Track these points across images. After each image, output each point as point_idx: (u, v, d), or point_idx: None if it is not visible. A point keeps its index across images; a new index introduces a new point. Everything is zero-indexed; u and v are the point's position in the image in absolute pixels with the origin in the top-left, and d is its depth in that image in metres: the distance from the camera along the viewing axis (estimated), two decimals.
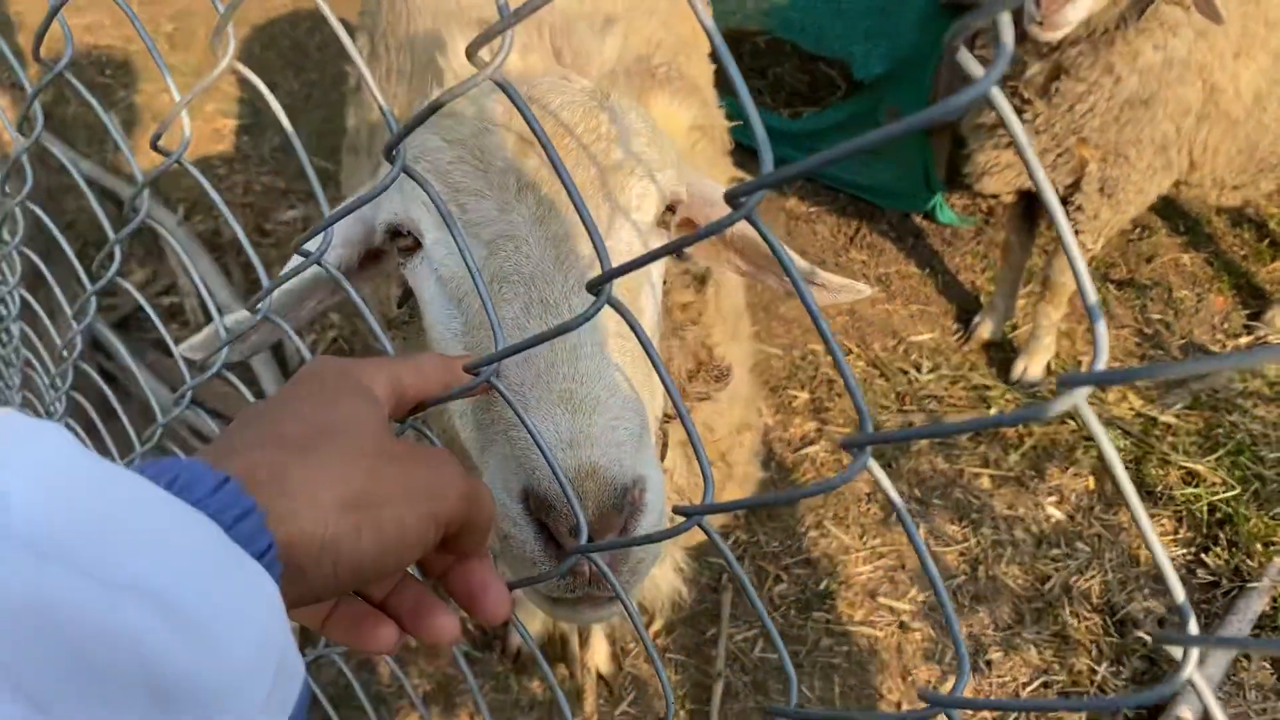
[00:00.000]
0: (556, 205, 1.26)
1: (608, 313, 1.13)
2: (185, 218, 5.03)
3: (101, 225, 1.55)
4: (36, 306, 1.79)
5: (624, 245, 1.33)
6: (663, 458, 1.78)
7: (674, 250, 0.73)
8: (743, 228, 1.47)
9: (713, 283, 1.83)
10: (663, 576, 2.28)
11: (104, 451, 2.30)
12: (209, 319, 4.56)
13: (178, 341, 4.32)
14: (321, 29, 6.32)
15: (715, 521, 2.37)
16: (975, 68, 0.50)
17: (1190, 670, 0.63)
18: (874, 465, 0.66)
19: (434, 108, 0.79)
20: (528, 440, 1.04)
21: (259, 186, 5.30)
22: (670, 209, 1.43)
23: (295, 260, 1.14)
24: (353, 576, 0.72)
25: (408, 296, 1.50)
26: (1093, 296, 0.54)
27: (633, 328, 0.80)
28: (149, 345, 4.40)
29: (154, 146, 1.16)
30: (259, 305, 1.19)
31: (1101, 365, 0.52)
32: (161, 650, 0.53)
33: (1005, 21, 0.47)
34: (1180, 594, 0.61)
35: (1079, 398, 0.53)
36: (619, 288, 1.27)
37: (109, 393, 2.01)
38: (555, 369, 1.12)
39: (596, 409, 1.09)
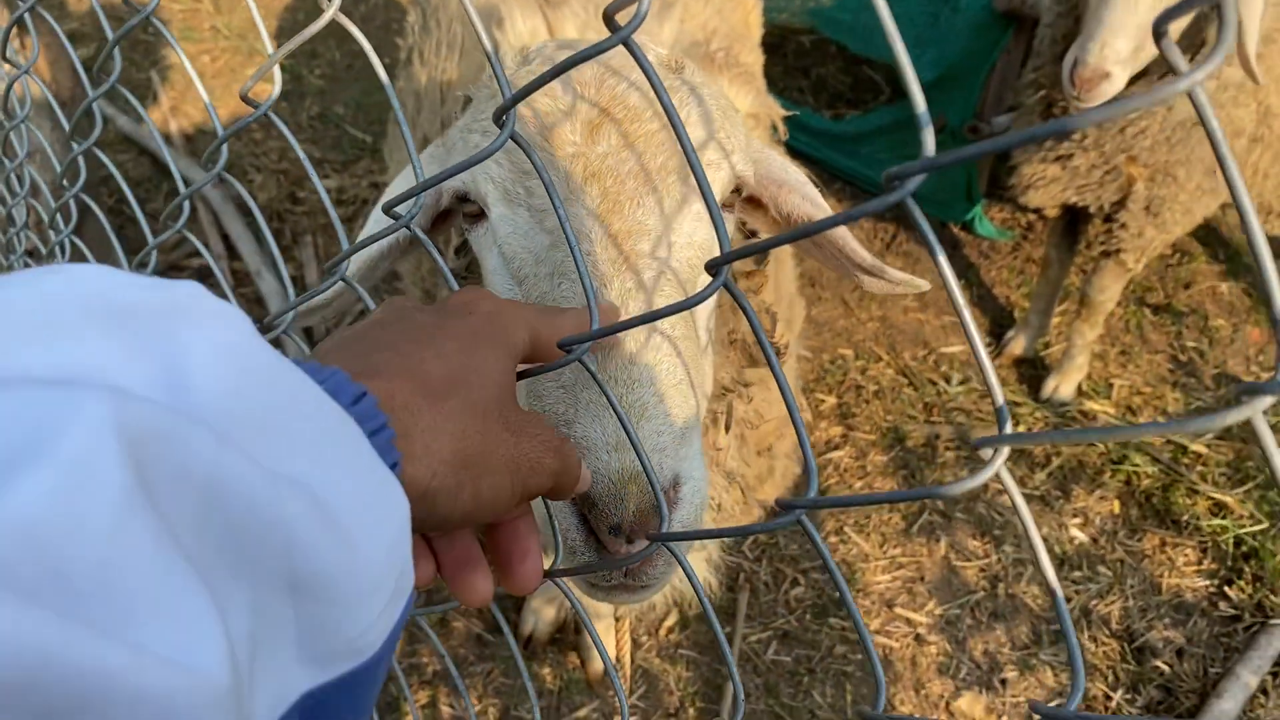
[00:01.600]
0: (620, 199, 1.23)
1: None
2: (232, 178, 5.00)
3: (137, 181, 1.52)
4: (89, 254, 1.76)
5: (687, 229, 1.30)
6: (726, 430, 1.76)
7: (796, 239, 0.69)
8: (809, 210, 1.44)
9: (774, 259, 1.81)
10: (694, 568, 2.25)
11: None
12: (239, 283, 4.53)
13: None
14: (367, 0, 6.29)
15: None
16: (1181, 62, 0.47)
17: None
18: (1006, 474, 0.62)
19: (559, 70, 0.75)
20: (576, 437, 1.09)
21: (294, 154, 5.27)
22: (737, 190, 1.40)
23: (379, 223, 1.11)
24: (437, 525, 0.76)
25: (465, 247, 1.48)
26: None
27: (744, 310, 0.76)
28: None
29: (243, 98, 1.14)
30: (338, 268, 1.16)
31: None
32: (309, 542, 0.56)
33: (1229, 6, 0.44)
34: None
35: (1258, 408, 0.49)
36: (682, 268, 1.24)
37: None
38: (607, 372, 1.12)
39: (644, 415, 1.11)
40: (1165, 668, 3.30)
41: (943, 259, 0.60)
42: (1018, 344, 4.31)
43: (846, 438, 4.00)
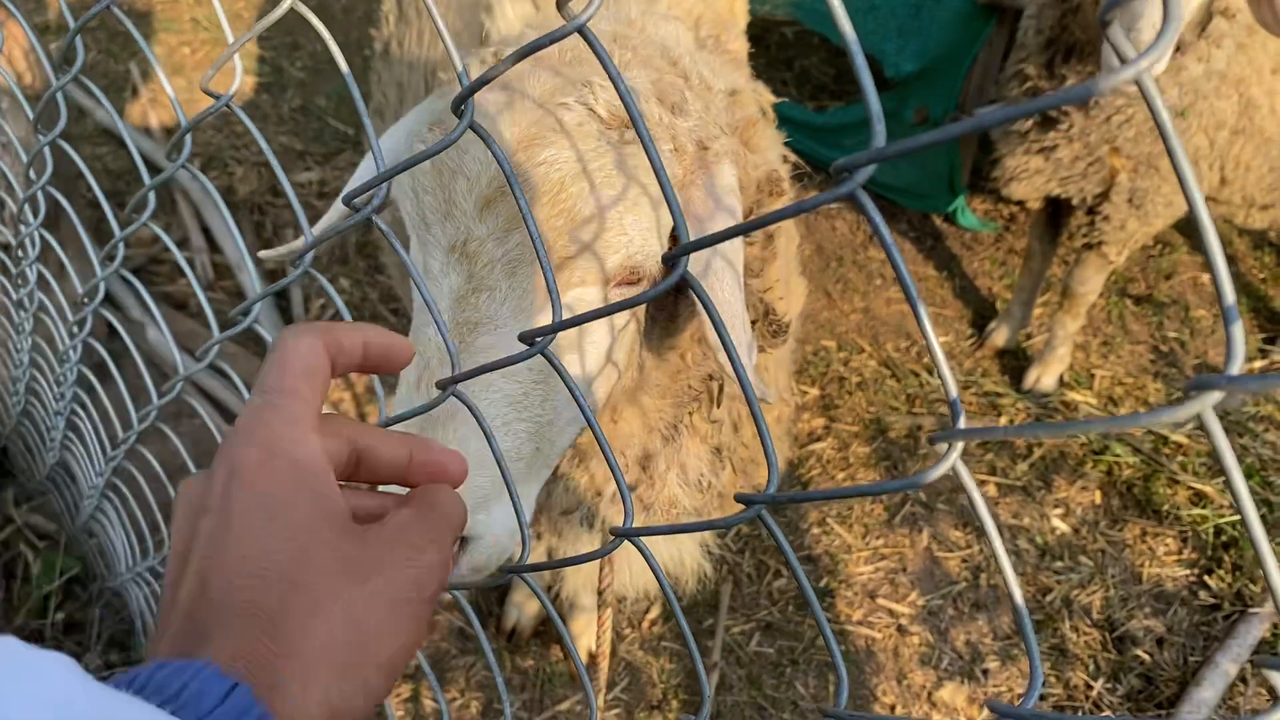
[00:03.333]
0: (483, 285, 1.25)
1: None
2: (200, 171, 4.97)
3: (115, 174, 1.51)
4: (59, 249, 1.75)
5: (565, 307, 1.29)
6: (717, 406, 1.77)
7: (747, 230, 0.69)
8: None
9: (785, 237, 1.81)
10: (689, 553, 2.27)
11: (117, 401, 2.27)
12: (219, 276, 4.50)
13: (186, 297, 4.26)
14: None
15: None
16: (1128, 48, 0.47)
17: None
18: (962, 467, 0.62)
19: (517, 57, 0.75)
20: None
21: (276, 146, 5.25)
22: (634, 271, 1.34)
23: (339, 212, 1.11)
24: (379, 701, 0.70)
25: None
26: (1230, 298, 0.50)
27: (706, 307, 0.76)
28: (157, 298, 4.36)
29: (204, 89, 1.12)
30: (299, 261, 1.15)
31: (1236, 368, 0.49)
32: None
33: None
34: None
35: (1207, 403, 0.49)
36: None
37: (126, 337, 1.97)
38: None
39: None
40: (1146, 656, 3.31)
41: (895, 251, 0.59)
42: (1000, 335, 4.32)
43: (829, 429, 4.01)
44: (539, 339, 0.89)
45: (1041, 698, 3.24)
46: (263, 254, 1.47)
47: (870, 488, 0.67)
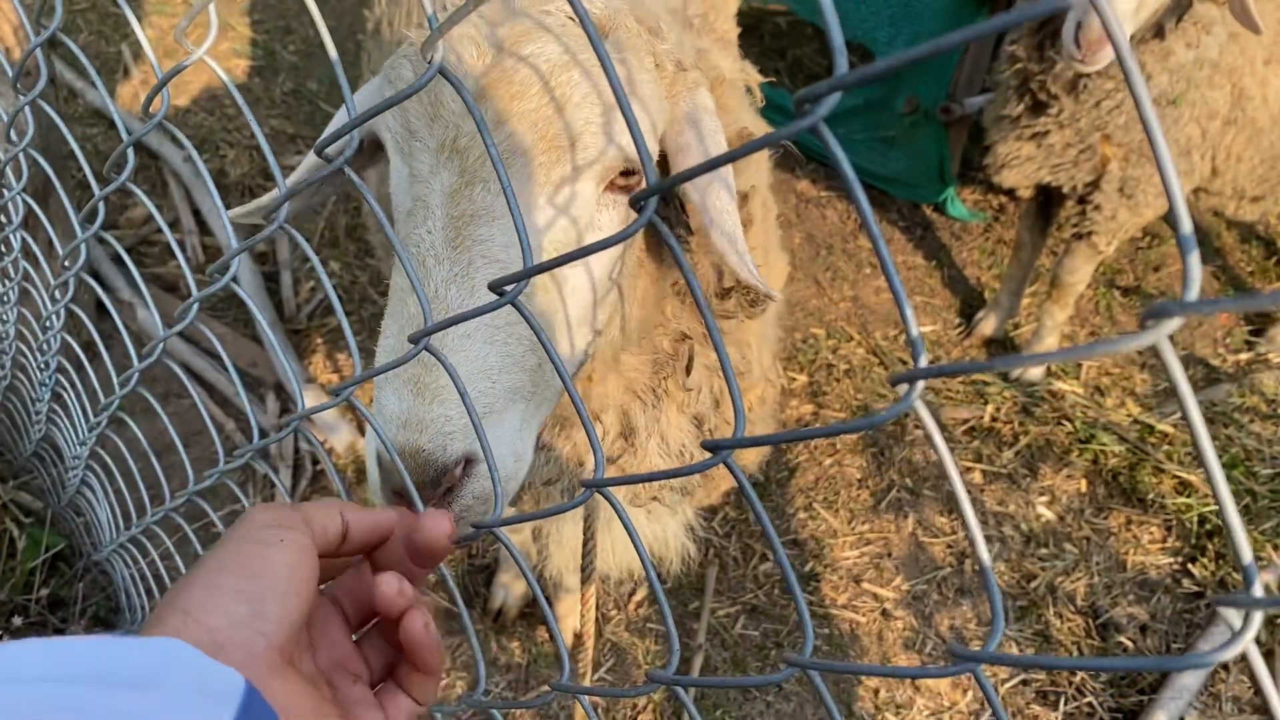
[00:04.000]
0: (476, 178, 1.23)
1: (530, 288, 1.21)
2: (190, 156, 4.97)
3: (105, 156, 1.52)
4: (42, 215, 1.75)
5: (557, 219, 1.29)
6: (688, 374, 1.77)
7: (711, 168, 0.70)
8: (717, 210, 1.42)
9: (760, 204, 1.81)
10: (673, 534, 2.27)
11: (105, 381, 2.27)
12: (209, 258, 4.51)
13: (177, 279, 4.25)
14: None
15: (705, 502, 2.35)
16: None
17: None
18: (921, 406, 0.63)
19: (479, 2, 0.75)
20: (379, 402, 1.21)
21: (268, 129, 5.24)
22: (627, 173, 1.35)
23: (312, 160, 1.12)
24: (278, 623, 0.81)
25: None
26: (1187, 227, 0.51)
27: (673, 251, 0.76)
28: (148, 280, 4.35)
29: (177, 39, 1.12)
30: (273, 215, 1.16)
31: (1193, 295, 0.49)
32: None
33: None
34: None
35: (1165, 331, 0.50)
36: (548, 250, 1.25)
37: (118, 315, 1.97)
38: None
39: (436, 397, 1.17)
40: (1129, 643, 3.33)
41: (860, 194, 0.60)
42: (988, 324, 4.33)
43: (817, 415, 4.02)
44: (508, 288, 0.89)
45: (1024, 682, 3.26)
46: (232, 212, 1.47)
47: (833, 428, 0.68)
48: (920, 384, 0.62)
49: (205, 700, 0.67)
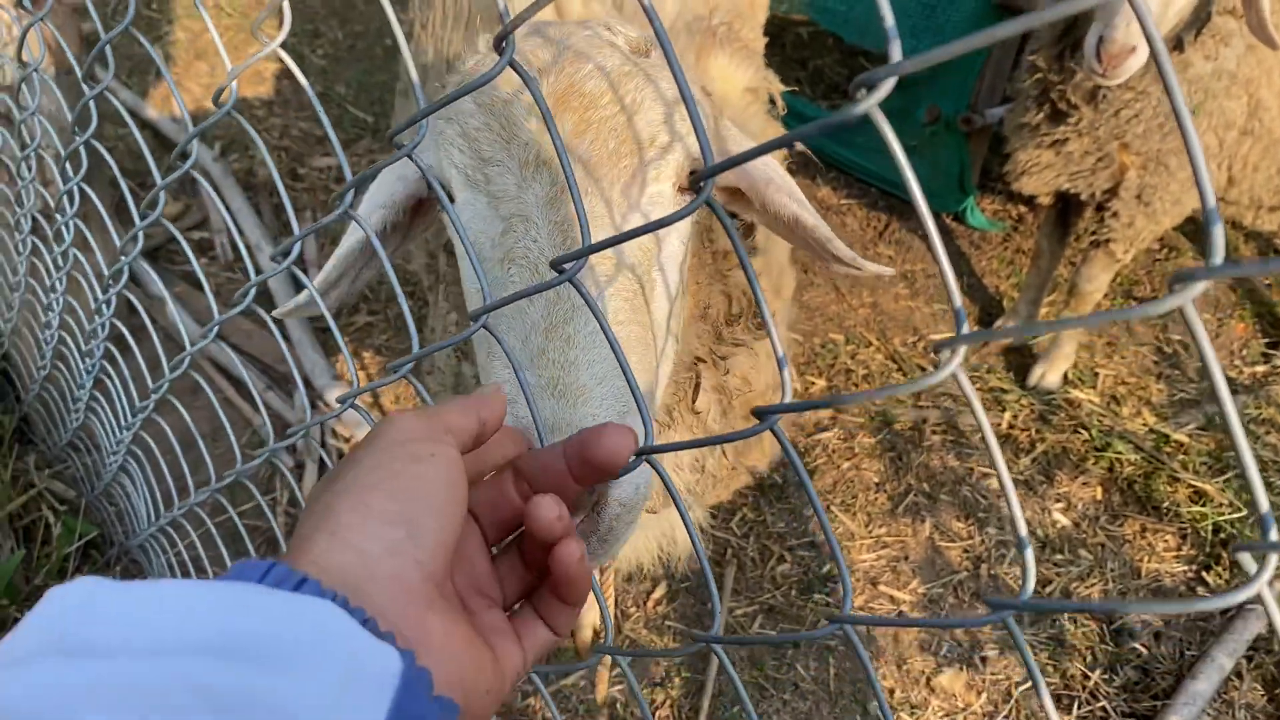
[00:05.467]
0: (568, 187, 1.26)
1: (614, 281, 1.21)
2: (221, 154, 5.05)
3: (138, 155, 1.58)
4: (89, 235, 1.81)
5: (637, 220, 1.31)
6: (694, 400, 1.80)
7: (775, 147, 0.75)
8: (795, 209, 1.47)
9: (764, 233, 1.84)
10: (682, 533, 2.30)
11: (136, 373, 2.33)
12: (239, 256, 4.59)
13: (206, 277, 4.35)
14: None
15: (715, 500, 2.39)
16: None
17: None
18: (961, 374, 0.68)
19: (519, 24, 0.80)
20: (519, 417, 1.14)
21: (296, 131, 5.32)
22: (693, 172, 1.38)
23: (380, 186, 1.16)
24: (433, 580, 0.75)
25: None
26: (1211, 201, 0.56)
27: (726, 229, 0.82)
28: (177, 277, 4.43)
29: (214, 102, 1.19)
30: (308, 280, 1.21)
31: (1218, 261, 0.54)
32: None
33: None
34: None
35: (1191, 294, 0.55)
36: (634, 252, 1.28)
37: (147, 317, 2.04)
38: (546, 355, 1.14)
39: (580, 398, 1.12)
40: (1143, 649, 3.36)
41: (909, 174, 0.65)
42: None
43: (835, 420, 4.06)
44: (567, 265, 0.93)
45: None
46: (277, 313, 1.52)
47: (882, 390, 0.72)
48: (962, 350, 0.67)
49: (357, 688, 0.59)
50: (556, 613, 0.88)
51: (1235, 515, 3.67)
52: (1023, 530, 0.70)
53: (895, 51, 0.61)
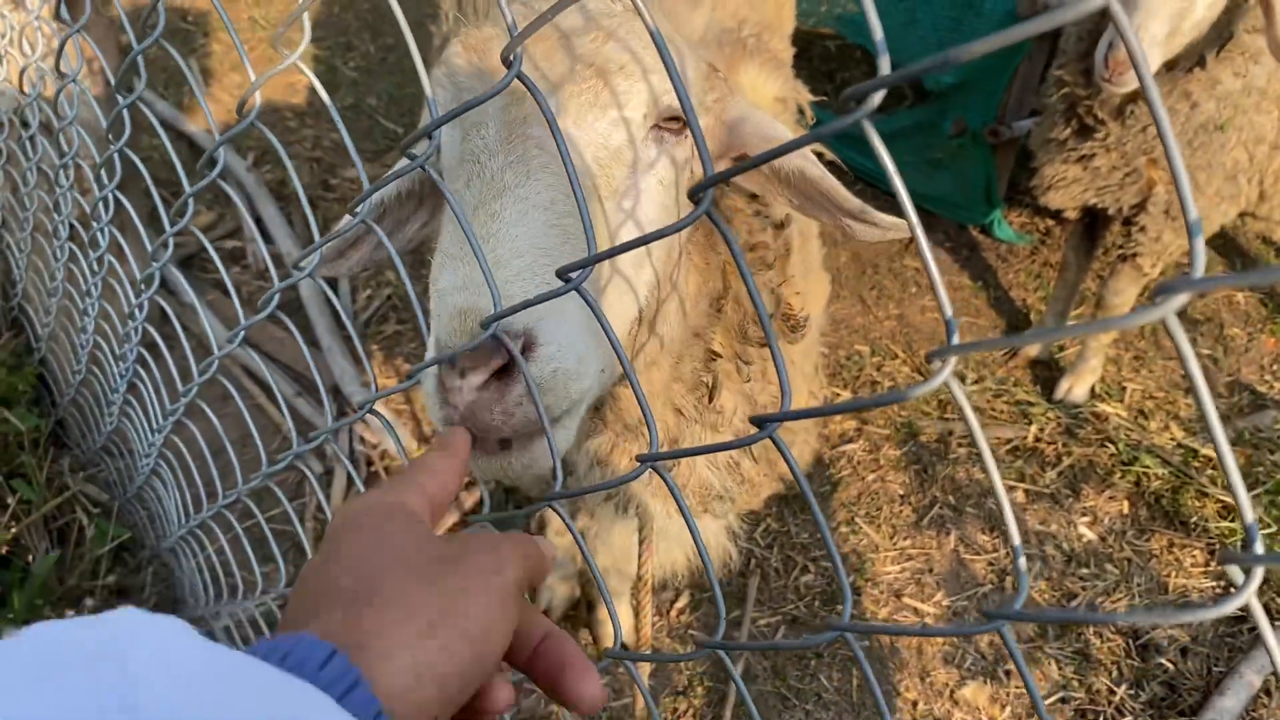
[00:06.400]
0: (526, 96, 1.28)
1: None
2: (254, 164, 5.13)
3: (171, 164, 1.62)
4: (124, 243, 1.86)
5: (599, 137, 1.33)
6: (711, 399, 1.81)
7: (772, 158, 0.76)
8: (799, 161, 1.49)
9: (797, 232, 1.85)
10: (714, 535, 2.32)
11: (168, 377, 2.38)
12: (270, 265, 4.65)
13: (240, 283, 4.40)
14: None
15: (747, 507, 2.41)
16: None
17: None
18: (954, 382, 0.69)
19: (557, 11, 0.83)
20: (438, 285, 1.16)
21: (327, 142, 5.39)
22: (676, 118, 1.40)
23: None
24: (461, 687, 0.75)
25: None
26: (1194, 214, 0.57)
27: (727, 241, 0.84)
28: (210, 285, 4.49)
29: (238, 112, 1.22)
30: (357, 209, 1.24)
31: (1199, 273, 0.56)
32: None
33: None
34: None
35: (1173, 306, 0.56)
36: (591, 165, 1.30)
37: (178, 324, 2.09)
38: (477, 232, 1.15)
39: (496, 265, 1.12)
40: (1169, 665, 3.33)
41: (899, 182, 0.67)
42: (1032, 345, 4.36)
43: (860, 431, 4.06)
44: (573, 274, 0.94)
45: (1064, 700, 3.27)
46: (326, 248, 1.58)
47: (865, 401, 0.74)
48: (953, 360, 0.68)
49: None
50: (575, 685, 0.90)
51: (1265, 531, 3.63)
52: (1016, 539, 0.72)
53: (884, 65, 0.63)
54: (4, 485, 3.04)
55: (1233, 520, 3.69)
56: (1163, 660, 3.34)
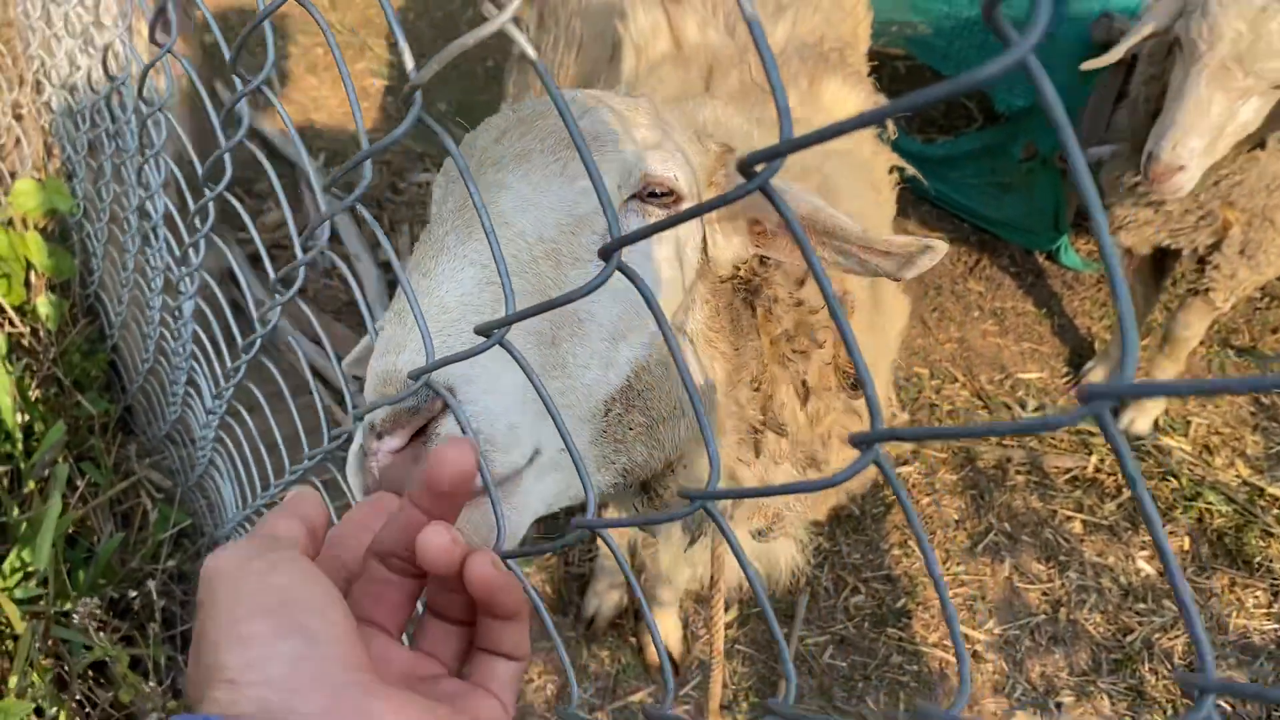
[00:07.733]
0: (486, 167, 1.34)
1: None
2: (325, 166, 5.21)
3: (248, 164, 1.66)
4: (226, 249, 1.89)
5: (566, 204, 1.31)
6: (757, 455, 1.77)
7: (677, 222, 0.73)
8: (806, 209, 1.45)
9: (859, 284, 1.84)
10: (783, 548, 2.31)
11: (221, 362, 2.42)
12: (335, 264, 4.72)
13: (306, 282, 4.45)
14: (476, 1, 6.49)
15: (810, 517, 2.39)
16: (1011, 32, 0.49)
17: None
18: (883, 460, 0.67)
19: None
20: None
21: (397, 147, 5.47)
22: (667, 193, 1.38)
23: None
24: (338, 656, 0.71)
25: None
26: (1128, 312, 0.52)
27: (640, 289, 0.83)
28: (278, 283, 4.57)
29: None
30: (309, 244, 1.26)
31: (1129, 379, 0.50)
32: None
33: None
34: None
35: (1104, 407, 0.51)
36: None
37: (241, 317, 2.13)
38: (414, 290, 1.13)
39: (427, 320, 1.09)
40: (1227, 707, 3.26)
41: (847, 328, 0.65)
42: (1096, 375, 4.29)
43: (916, 454, 4.03)
44: (496, 330, 0.91)
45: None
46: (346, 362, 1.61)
47: (796, 485, 0.68)
48: (877, 447, 0.65)
49: None
50: (504, 636, 0.85)
51: None
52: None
53: (787, 128, 0.58)
54: (74, 468, 3.11)
55: None
56: (1220, 701, 3.26)
